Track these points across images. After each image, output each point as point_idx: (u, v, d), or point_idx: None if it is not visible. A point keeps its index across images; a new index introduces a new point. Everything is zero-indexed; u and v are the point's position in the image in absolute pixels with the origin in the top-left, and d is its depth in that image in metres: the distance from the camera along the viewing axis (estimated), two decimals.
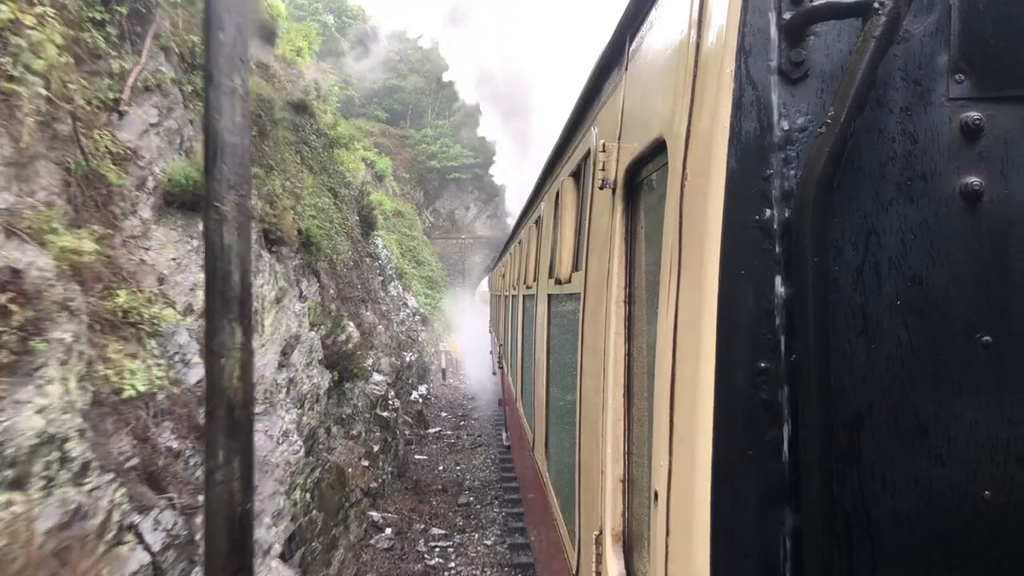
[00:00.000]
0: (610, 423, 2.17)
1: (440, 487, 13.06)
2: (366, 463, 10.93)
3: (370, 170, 44.86)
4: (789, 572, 1.24)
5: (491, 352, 21.27)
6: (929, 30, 1.32)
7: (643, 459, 1.92)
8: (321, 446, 9.55)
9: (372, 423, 12.32)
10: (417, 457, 15.24)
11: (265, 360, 8.32)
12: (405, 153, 58.23)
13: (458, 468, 14.62)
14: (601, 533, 2.18)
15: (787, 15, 1.33)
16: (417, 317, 27.07)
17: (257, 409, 7.98)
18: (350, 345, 11.26)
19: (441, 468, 14.61)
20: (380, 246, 21.81)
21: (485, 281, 45.30)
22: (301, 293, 10.61)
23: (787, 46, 1.33)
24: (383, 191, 45.28)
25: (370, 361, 13.48)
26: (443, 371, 27.28)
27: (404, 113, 62.44)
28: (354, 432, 11.28)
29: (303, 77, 19.19)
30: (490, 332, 23.21)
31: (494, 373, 18.50)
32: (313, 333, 10.23)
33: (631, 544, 2.06)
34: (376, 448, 11.83)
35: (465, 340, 37.22)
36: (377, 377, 13.41)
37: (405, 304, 25.36)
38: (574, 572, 2.86)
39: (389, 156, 52.17)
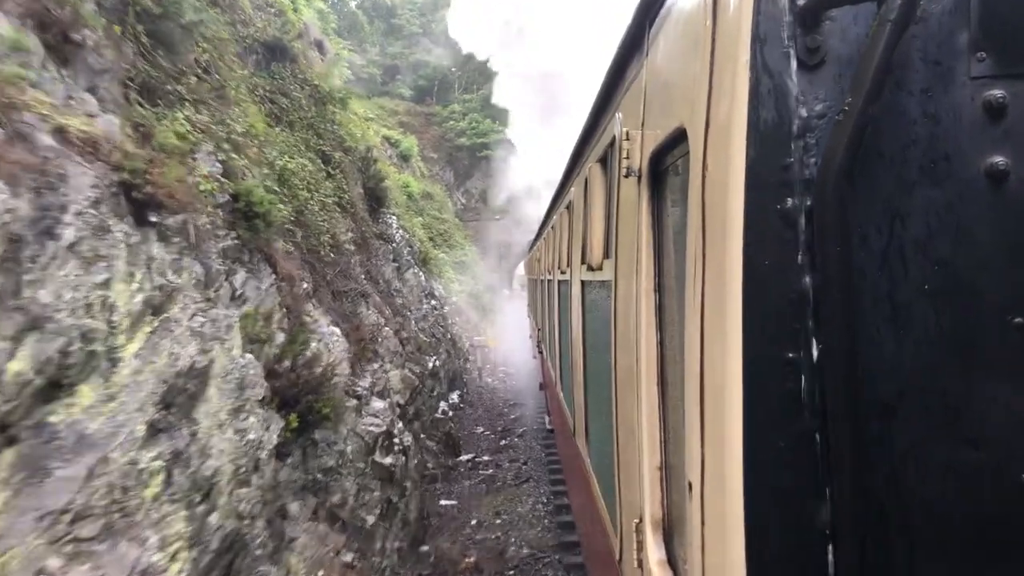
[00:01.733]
0: (645, 411, 2.15)
1: (473, 563, 9.06)
2: (350, 556, 6.96)
3: (394, 149, 41.90)
4: (825, 562, 1.22)
5: (530, 336, 20.54)
6: (947, 9, 1.28)
7: (679, 447, 1.87)
8: (255, 554, 5.59)
9: (368, 476, 8.37)
10: (443, 503, 11.29)
11: (115, 425, 4.37)
12: (432, 131, 54.94)
13: (499, 522, 10.59)
14: (641, 521, 2.15)
15: (801, 1, 1.30)
16: (447, 308, 23.15)
17: (88, 530, 4.03)
18: (319, 368, 7.27)
19: (475, 522, 10.61)
20: (394, 226, 17.83)
21: (522, 264, 42.66)
22: (235, 292, 6.65)
23: (802, 32, 1.30)
24: (409, 172, 42.28)
25: (367, 381, 9.51)
26: (479, 370, 23.33)
27: (430, 89, 58.87)
28: (334, 500, 7.34)
29: (284, 16, 15.21)
30: (528, 316, 22.56)
31: (534, 357, 17.66)
32: (249, 357, 6.27)
33: (671, 531, 2.03)
34: (371, 519, 7.86)
35: (505, 330, 33.63)
36: (377, 404, 9.44)
37: (431, 295, 21.50)
38: (618, 558, 2.83)
39: (415, 135, 48.92)
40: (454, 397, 18.18)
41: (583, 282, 4.25)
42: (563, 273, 6.16)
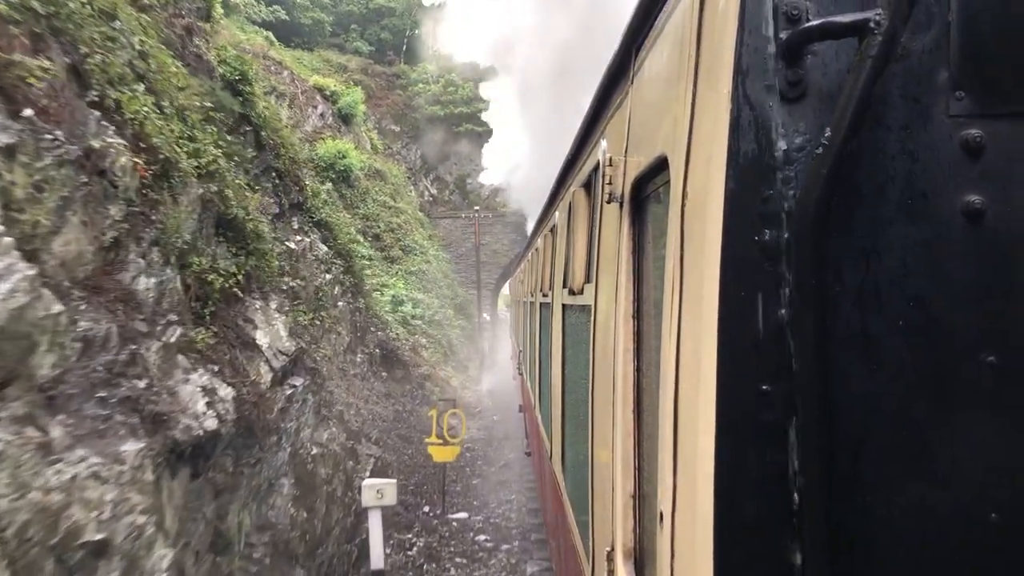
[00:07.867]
0: (620, 438, 2.15)
1: None
2: None
3: (330, 106, 27.31)
4: None
5: (511, 358, 19.15)
6: (928, 47, 1.29)
7: (653, 476, 1.86)
8: None
9: None
10: None
11: None
12: (394, 97, 40.59)
13: None
14: (613, 550, 2.15)
15: (784, 35, 1.31)
16: (302, 380, 7.68)
17: None
18: None
19: None
20: None
21: (508, 284, 28.60)
22: None
23: (784, 66, 1.31)
24: (351, 138, 27.27)
25: None
26: (379, 575, 7.61)
27: (396, 45, 44.14)
28: None
29: None
30: (511, 337, 21.00)
31: (513, 378, 16.28)
32: None
33: (643, 562, 2.01)
34: None
35: (481, 395, 18.55)
36: None
37: (253, 342, 6.14)
38: None
39: (371, 102, 33.93)
40: None
41: (564, 306, 4.29)
42: (545, 296, 6.14)
